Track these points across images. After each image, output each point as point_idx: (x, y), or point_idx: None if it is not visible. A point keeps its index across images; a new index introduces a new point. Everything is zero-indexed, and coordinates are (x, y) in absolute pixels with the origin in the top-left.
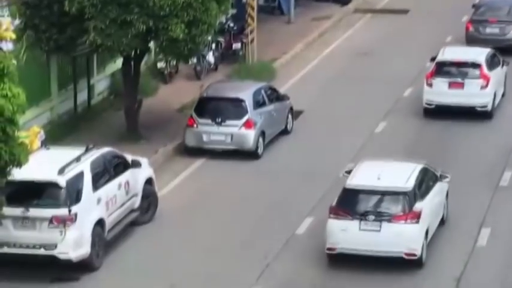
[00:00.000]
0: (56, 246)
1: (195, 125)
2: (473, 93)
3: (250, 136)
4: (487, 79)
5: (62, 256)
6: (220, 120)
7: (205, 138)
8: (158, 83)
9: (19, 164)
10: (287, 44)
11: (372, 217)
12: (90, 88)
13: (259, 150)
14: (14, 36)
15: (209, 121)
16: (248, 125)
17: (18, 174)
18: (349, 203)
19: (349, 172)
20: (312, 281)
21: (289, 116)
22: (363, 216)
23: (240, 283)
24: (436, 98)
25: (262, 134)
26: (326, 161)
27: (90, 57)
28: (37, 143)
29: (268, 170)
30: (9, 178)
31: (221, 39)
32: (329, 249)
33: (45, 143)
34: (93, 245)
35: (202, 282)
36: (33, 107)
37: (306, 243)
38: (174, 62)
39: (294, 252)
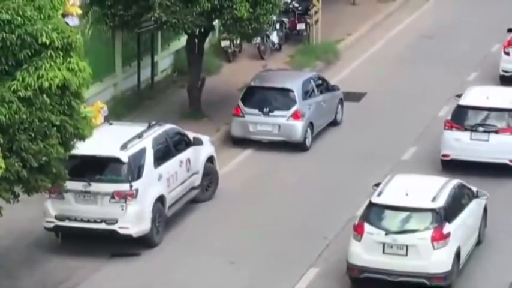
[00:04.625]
0: (116, 221)
1: (241, 115)
2: None
3: (298, 127)
4: None
5: (122, 231)
6: (267, 110)
7: (251, 128)
8: (222, 62)
9: (83, 138)
10: (352, 26)
11: (481, 129)
12: (154, 65)
13: (307, 142)
14: (79, 11)
15: (256, 111)
16: (296, 115)
17: (81, 149)
18: (461, 118)
19: (459, 96)
20: None
21: (339, 106)
22: (473, 128)
23: (298, 263)
24: None
25: (311, 125)
26: (386, 145)
27: (155, 34)
28: (100, 118)
29: (320, 159)
30: (72, 152)
31: (285, 19)
32: (444, 156)
33: (108, 119)
34: (154, 220)
35: (260, 261)
36: (97, 82)
37: None
38: (238, 41)
39: None
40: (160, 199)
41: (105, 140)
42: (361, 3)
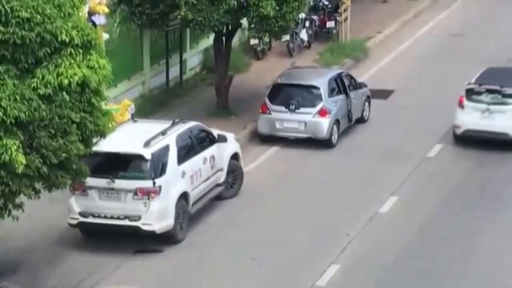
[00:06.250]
0: (140, 218)
1: (267, 112)
2: None
3: (324, 124)
4: None
5: (145, 227)
6: (293, 107)
7: (278, 125)
8: (251, 60)
9: (103, 135)
10: (381, 24)
11: None
12: (183, 63)
13: (334, 139)
14: (106, 10)
15: (282, 108)
16: (322, 112)
17: (104, 146)
18: None
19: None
20: (392, 259)
21: (366, 104)
22: None
23: (320, 259)
24: None
25: (337, 122)
26: (412, 142)
27: (183, 32)
28: (128, 116)
29: (346, 156)
30: (96, 149)
31: (315, 17)
32: None
33: (134, 116)
34: (177, 217)
35: (282, 257)
36: (125, 80)
37: (389, 222)
38: (267, 39)
39: (376, 231)
40: (184, 196)
41: (128, 137)
42: (392, 1)
